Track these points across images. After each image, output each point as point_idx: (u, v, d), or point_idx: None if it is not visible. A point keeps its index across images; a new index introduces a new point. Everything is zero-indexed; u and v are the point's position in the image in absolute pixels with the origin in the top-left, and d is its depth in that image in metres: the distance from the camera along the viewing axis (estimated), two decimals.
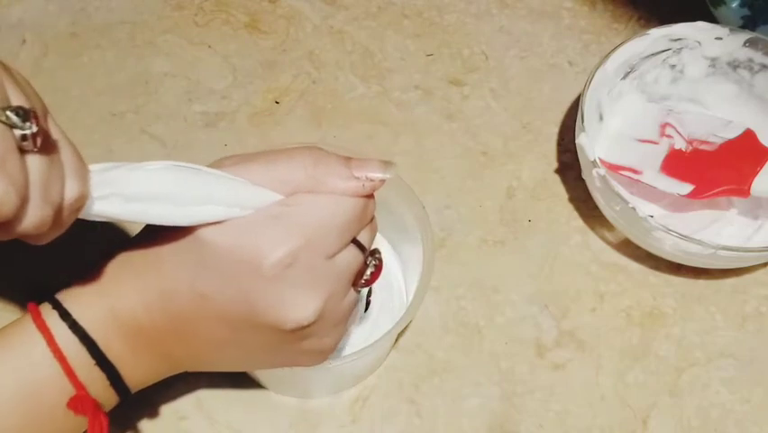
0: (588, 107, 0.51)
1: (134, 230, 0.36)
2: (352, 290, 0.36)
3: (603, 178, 0.49)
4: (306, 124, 0.58)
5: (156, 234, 0.34)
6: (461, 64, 0.61)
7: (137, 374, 0.36)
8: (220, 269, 0.32)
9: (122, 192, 0.31)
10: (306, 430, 0.47)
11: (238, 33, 0.62)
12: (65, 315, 0.34)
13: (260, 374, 0.46)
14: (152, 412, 0.46)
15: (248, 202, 0.32)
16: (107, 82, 0.59)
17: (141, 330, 0.34)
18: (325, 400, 0.47)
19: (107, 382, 0.34)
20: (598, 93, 0.53)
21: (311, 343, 0.35)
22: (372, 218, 0.36)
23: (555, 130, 0.59)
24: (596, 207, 0.53)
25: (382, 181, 0.33)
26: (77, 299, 0.34)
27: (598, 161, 0.49)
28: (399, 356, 0.49)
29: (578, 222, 0.55)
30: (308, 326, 0.33)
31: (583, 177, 0.53)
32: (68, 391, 0.33)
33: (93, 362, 0.34)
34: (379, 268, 0.36)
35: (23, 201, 0.26)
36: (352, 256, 0.34)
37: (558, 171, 0.57)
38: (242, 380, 0.47)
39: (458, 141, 0.58)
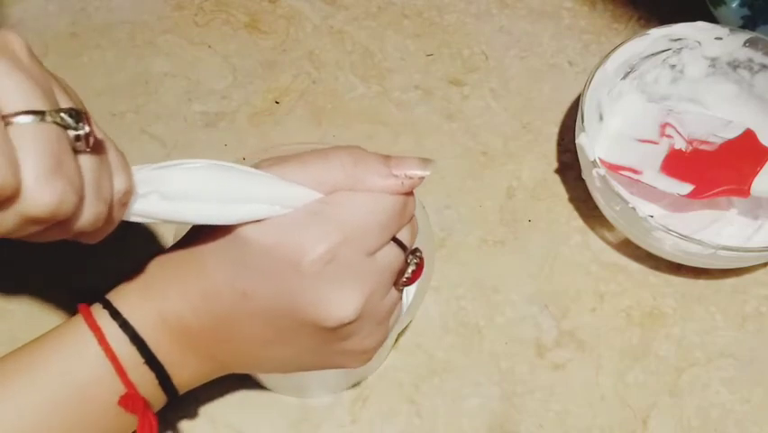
0: (588, 107, 0.51)
1: (174, 232, 0.37)
2: (394, 288, 0.36)
3: (603, 178, 0.49)
4: (306, 124, 0.58)
5: (198, 236, 0.34)
6: (461, 64, 0.61)
7: (185, 375, 0.36)
8: (261, 267, 0.32)
9: (162, 190, 0.31)
10: (306, 430, 0.47)
11: (238, 33, 0.62)
12: (115, 314, 0.34)
13: (260, 374, 0.46)
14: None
15: (288, 201, 0.32)
16: (107, 82, 0.59)
17: (187, 331, 0.34)
18: (325, 400, 0.47)
19: (156, 382, 0.35)
20: (598, 93, 0.53)
21: (353, 343, 0.35)
22: (412, 217, 0.36)
23: (555, 130, 0.59)
24: (596, 207, 0.53)
25: (421, 179, 0.33)
26: (126, 301, 0.34)
27: (598, 161, 0.49)
28: (399, 356, 0.49)
29: (578, 222, 0.55)
30: (349, 323, 0.33)
31: (583, 177, 0.53)
32: (119, 390, 0.33)
33: (142, 361, 0.34)
34: (420, 267, 0.36)
35: (81, 200, 0.27)
36: (393, 254, 0.34)
37: (558, 171, 0.57)
38: (241, 380, 0.47)
39: (458, 141, 0.58)
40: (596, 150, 0.51)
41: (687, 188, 0.52)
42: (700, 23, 0.54)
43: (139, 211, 0.31)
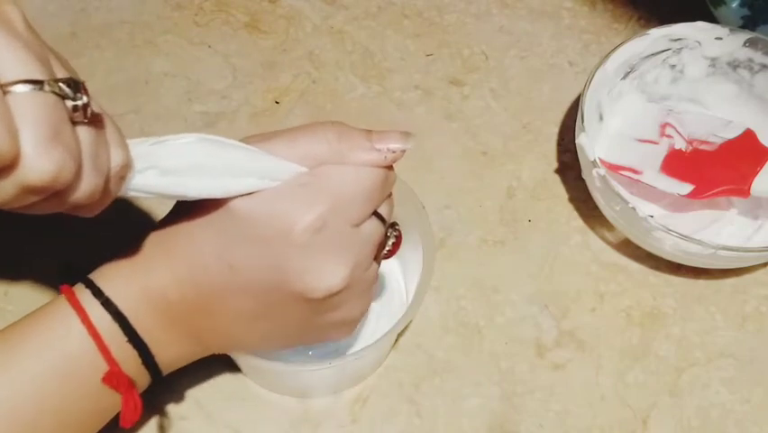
0: (588, 107, 0.51)
1: (164, 212, 0.37)
2: (375, 262, 0.37)
3: (603, 178, 0.49)
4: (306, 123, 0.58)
5: (185, 211, 0.34)
6: (461, 64, 0.61)
7: (168, 353, 0.36)
8: (249, 239, 0.33)
9: (158, 165, 0.31)
10: (306, 430, 0.47)
11: (238, 33, 0.62)
12: (98, 293, 0.34)
13: (261, 375, 0.46)
14: (152, 412, 0.46)
15: (277, 174, 0.33)
16: (107, 82, 0.59)
17: (171, 307, 0.35)
18: (325, 400, 0.47)
19: (139, 361, 0.35)
20: (598, 93, 0.53)
21: (338, 314, 0.36)
22: (390, 193, 0.37)
23: (555, 130, 0.59)
24: (596, 207, 0.53)
25: (403, 152, 0.35)
26: (110, 278, 0.35)
27: (598, 161, 0.49)
28: (399, 356, 0.49)
29: (578, 222, 0.55)
30: (336, 294, 0.34)
31: (583, 177, 0.53)
32: (103, 368, 0.34)
33: (125, 339, 0.34)
34: (398, 240, 0.38)
35: (78, 170, 0.27)
36: (374, 227, 0.35)
37: (558, 171, 0.57)
38: (241, 380, 0.47)
39: (458, 141, 0.58)
40: (596, 150, 0.51)
41: (687, 188, 0.52)
42: (700, 23, 0.54)
43: (136, 186, 0.31)
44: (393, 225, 0.38)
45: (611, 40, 0.62)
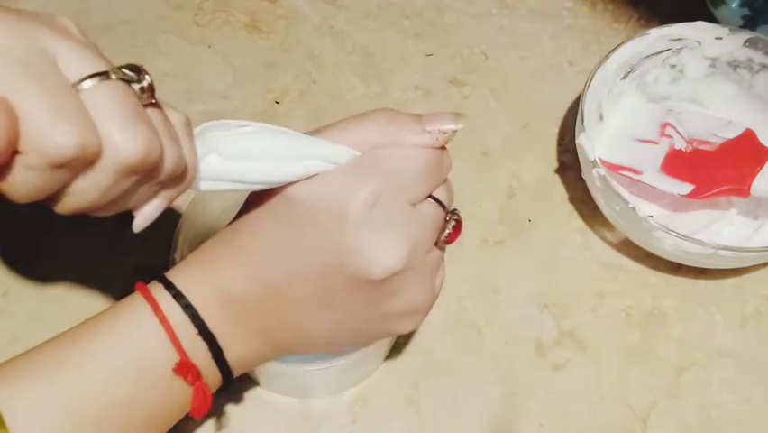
0: (588, 107, 0.51)
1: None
2: (436, 247, 0.36)
3: (603, 178, 0.49)
4: (306, 124, 0.58)
5: (248, 206, 0.35)
6: (461, 64, 0.61)
7: (237, 350, 0.36)
8: (308, 222, 0.33)
9: (221, 151, 0.32)
10: (306, 430, 0.47)
11: (238, 33, 0.62)
12: (169, 286, 0.35)
13: (260, 375, 0.46)
14: None
15: (334, 158, 0.34)
16: None
17: (237, 301, 0.35)
18: (325, 400, 0.47)
19: (209, 355, 0.35)
20: (598, 93, 0.53)
21: (401, 301, 0.35)
22: (447, 178, 0.37)
23: (555, 130, 0.59)
24: (596, 207, 0.53)
25: (454, 132, 0.35)
26: (182, 274, 0.36)
27: (598, 161, 0.49)
28: (399, 356, 0.49)
29: (578, 222, 0.55)
30: (396, 275, 0.33)
31: (583, 177, 0.53)
32: (175, 359, 0.34)
33: (195, 331, 0.34)
34: (458, 226, 0.37)
35: (161, 146, 0.29)
36: (433, 209, 0.36)
37: (558, 171, 0.57)
38: (242, 380, 0.47)
39: (458, 141, 0.58)
40: (596, 150, 0.51)
41: (687, 188, 0.52)
42: (700, 23, 0.54)
43: (204, 173, 0.32)
44: (453, 211, 0.38)
45: (611, 40, 0.62)
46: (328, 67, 0.61)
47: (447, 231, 0.37)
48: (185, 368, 0.34)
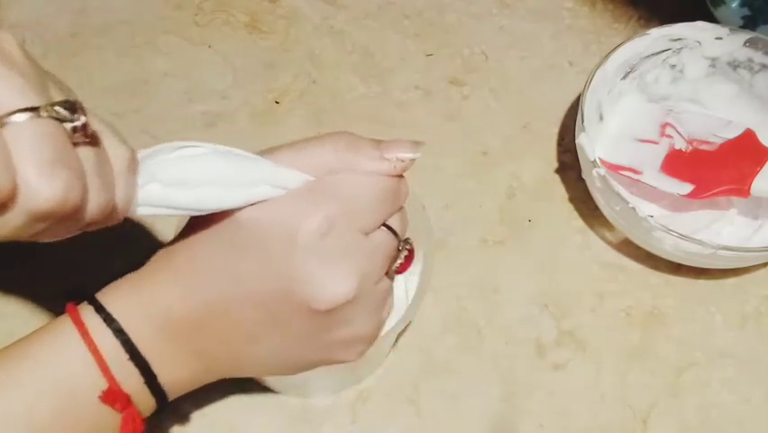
0: (588, 107, 0.51)
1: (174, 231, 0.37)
2: (386, 276, 0.36)
3: (603, 178, 0.49)
4: (306, 124, 0.58)
5: (192, 227, 0.34)
6: (461, 64, 0.61)
7: (173, 374, 0.35)
8: (255, 246, 0.32)
9: (161, 178, 0.31)
10: (306, 430, 0.47)
11: (238, 33, 0.62)
12: (99, 309, 0.34)
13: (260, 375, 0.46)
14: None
15: (285, 183, 0.32)
16: (107, 82, 0.59)
17: (176, 324, 0.34)
18: (325, 400, 0.47)
19: (142, 380, 0.34)
20: (598, 93, 0.53)
21: (347, 331, 0.35)
22: (402, 207, 0.36)
23: (555, 130, 0.59)
24: (596, 207, 0.53)
25: (412, 161, 0.34)
26: (114, 296, 0.34)
27: (598, 161, 0.49)
28: (399, 356, 0.49)
29: (578, 222, 0.55)
30: (343, 305, 0.33)
31: (583, 177, 0.53)
32: (103, 386, 0.33)
33: (126, 357, 0.33)
34: (410, 256, 0.37)
35: (85, 190, 0.27)
36: (386, 238, 0.35)
37: (558, 171, 0.57)
38: (242, 379, 0.47)
39: (458, 141, 0.58)
40: (596, 150, 0.51)
41: (687, 188, 0.52)
42: (700, 23, 0.54)
43: (142, 200, 0.31)
44: (406, 241, 0.37)
45: (611, 40, 0.62)
46: (328, 67, 0.61)
47: (399, 261, 0.36)
48: (112, 396, 0.33)
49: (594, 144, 0.51)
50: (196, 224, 0.34)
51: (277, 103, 0.59)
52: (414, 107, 0.59)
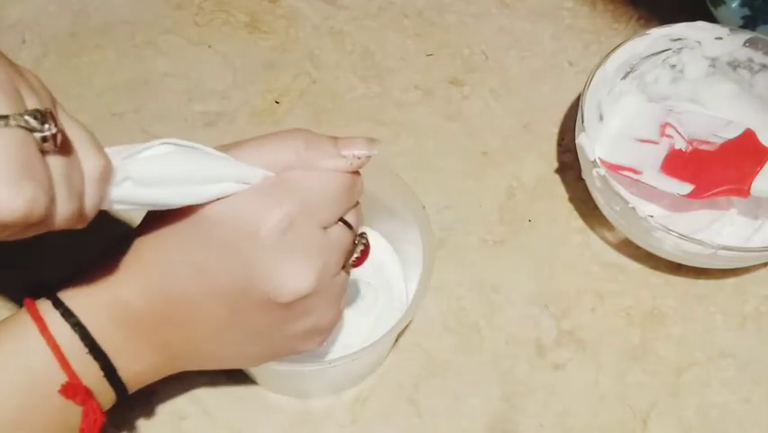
0: (588, 107, 0.51)
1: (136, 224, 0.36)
2: (343, 270, 0.37)
3: (603, 178, 0.49)
4: (305, 124, 0.58)
5: (154, 220, 0.34)
6: (461, 64, 0.61)
7: (133, 367, 0.36)
8: (219, 241, 0.33)
9: (134, 177, 0.31)
10: (306, 430, 0.47)
11: (238, 33, 0.62)
12: (57, 303, 0.34)
13: (260, 374, 0.46)
14: (152, 412, 0.46)
15: (247, 179, 0.33)
16: (107, 82, 0.59)
17: (137, 317, 0.34)
18: (325, 400, 0.47)
19: (101, 373, 0.34)
20: (598, 93, 0.53)
21: (308, 323, 0.36)
22: (358, 202, 0.37)
23: (555, 130, 0.59)
24: (596, 207, 0.53)
25: (368, 158, 0.35)
26: (74, 290, 0.35)
27: (598, 161, 0.49)
28: (399, 356, 0.49)
29: (578, 222, 0.55)
30: (304, 298, 0.34)
31: (583, 177, 0.53)
32: (62, 380, 0.33)
33: (86, 350, 0.34)
34: (366, 250, 0.38)
35: (52, 200, 0.27)
36: (342, 232, 0.36)
37: (558, 171, 0.57)
38: (242, 380, 0.47)
39: (458, 141, 0.58)
40: (596, 150, 0.51)
41: (687, 188, 0.52)
42: (700, 23, 0.54)
43: (116, 198, 0.31)
44: (362, 235, 0.38)
45: (611, 40, 0.62)
46: (328, 67, 0.61)
47: (355, 255, 0.38)
48: (72, 389, 0.33)
49: (594, 144, 0.51)
50: (157, 217, 0.34)
51: (277, 103, 0.59)
52: (414, 107, 0.59)
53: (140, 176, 0.31)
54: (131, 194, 0.31)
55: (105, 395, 0.35)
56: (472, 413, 0.48)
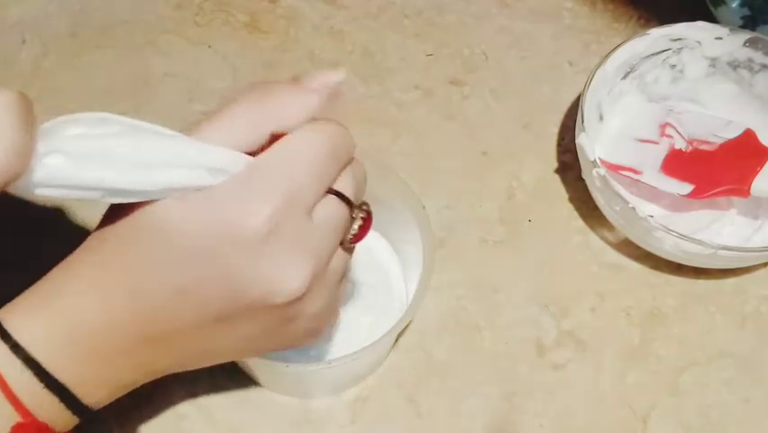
0: (588, 107, 0.51)
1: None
2: (340, 249, 0.33)
3: (603, 178, 0.49)
4: None
5: (111, 230, 0.30)
6: (461, 64, 0.61)
7: (100, 391, 0.32)
8: (195, 254, 0.29)
9: (66, 149, 0.26)
10: (306, 430, 0.47)
11: (238, 33, 0.62)
12: (4, 335, 0.29)
13: (261, 374, 0.46)
14: (152, 412, 0.46)
15: (210, 162, 0.28)
16: (107, 82, 0.59)
17: (103, 341, 0.30)
18: (325, 400, 0.47)
19: (61, 405, 0.31)
20: (598, 93, 0.53)
21: (305, 319, 0.33)
22: (348, 164, 0.33)
23: (555, 130, 0.59)
24: (596, 207, 0.53)
25: (340, 84, 0.32)
26: (22, 317, 0.30)
27: (598, 161, 0.49)
28: (399, 356, 0.49)
29: (578, 222, 0.55)
30: (300, 298, 0.31)
31: (583, 177, 0.53)
32: (15, 418, 0.29)
33: (41, 385, 0.30)
34: (367, 221, 0.33)
35: None
36: (333, 208, 0.31)
37: (558, 171, 0.57)
38: (242, 380, 0.47)
39: (458, 141, 0.58)
40: (596, 150, 0.51)
41: (687, 188, 0.52)
42: (700, 23, 0.54)
43: (41, 179, 0.25)
44: (360, 206, 0.33)
45: (611, 40, 0.62)
46: (328, 67, 0.61)
47: (353, 231, 0.33)
48: (26, 429, 0.29)
49: (594, 144, 0.51)
50: (115, 227, 0.30)
51: None
52: (414, 107, 0.59)
53: (75, 149, 0.25)
54: (60, 173, 0.25)
55: (66, 421, 0.31)
56: (472, 413, 0.48)
